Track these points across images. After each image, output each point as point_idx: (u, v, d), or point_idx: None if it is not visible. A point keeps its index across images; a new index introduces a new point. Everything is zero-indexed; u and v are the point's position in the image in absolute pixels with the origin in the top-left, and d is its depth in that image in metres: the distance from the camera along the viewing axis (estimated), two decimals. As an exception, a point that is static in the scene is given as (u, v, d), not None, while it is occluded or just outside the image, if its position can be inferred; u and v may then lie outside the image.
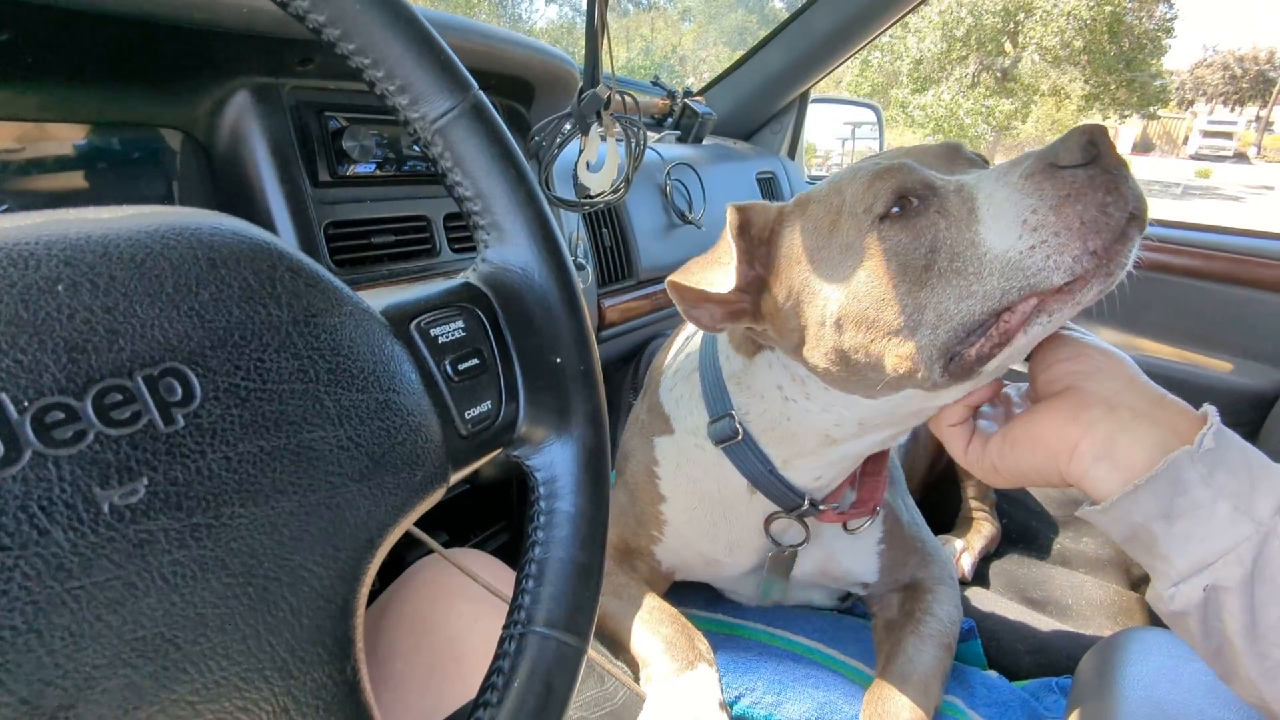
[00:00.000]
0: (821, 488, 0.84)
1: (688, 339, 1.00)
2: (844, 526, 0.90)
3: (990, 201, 0.60)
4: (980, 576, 1.29)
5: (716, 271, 0.70)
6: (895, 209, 0.65)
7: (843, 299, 0.67)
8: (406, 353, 0.40)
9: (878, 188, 0.66)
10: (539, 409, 0.46)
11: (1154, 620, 1.18)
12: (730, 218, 0.73)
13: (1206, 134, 35.02)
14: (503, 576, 0.75)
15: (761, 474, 0.83)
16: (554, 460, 0.46)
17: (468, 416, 0.42)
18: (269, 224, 0.78)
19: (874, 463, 0.88)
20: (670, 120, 1.95)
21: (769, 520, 0.87)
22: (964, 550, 1.28)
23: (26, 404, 0.26)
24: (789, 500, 0.84)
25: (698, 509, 0.92)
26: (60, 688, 0.25)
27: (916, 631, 0.89)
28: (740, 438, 0.82)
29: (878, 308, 0.64)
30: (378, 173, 0.91)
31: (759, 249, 0.76)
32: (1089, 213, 0.54)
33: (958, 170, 0.68)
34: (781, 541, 0.90)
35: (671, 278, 0.72)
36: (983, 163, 0.71)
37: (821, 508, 0.84)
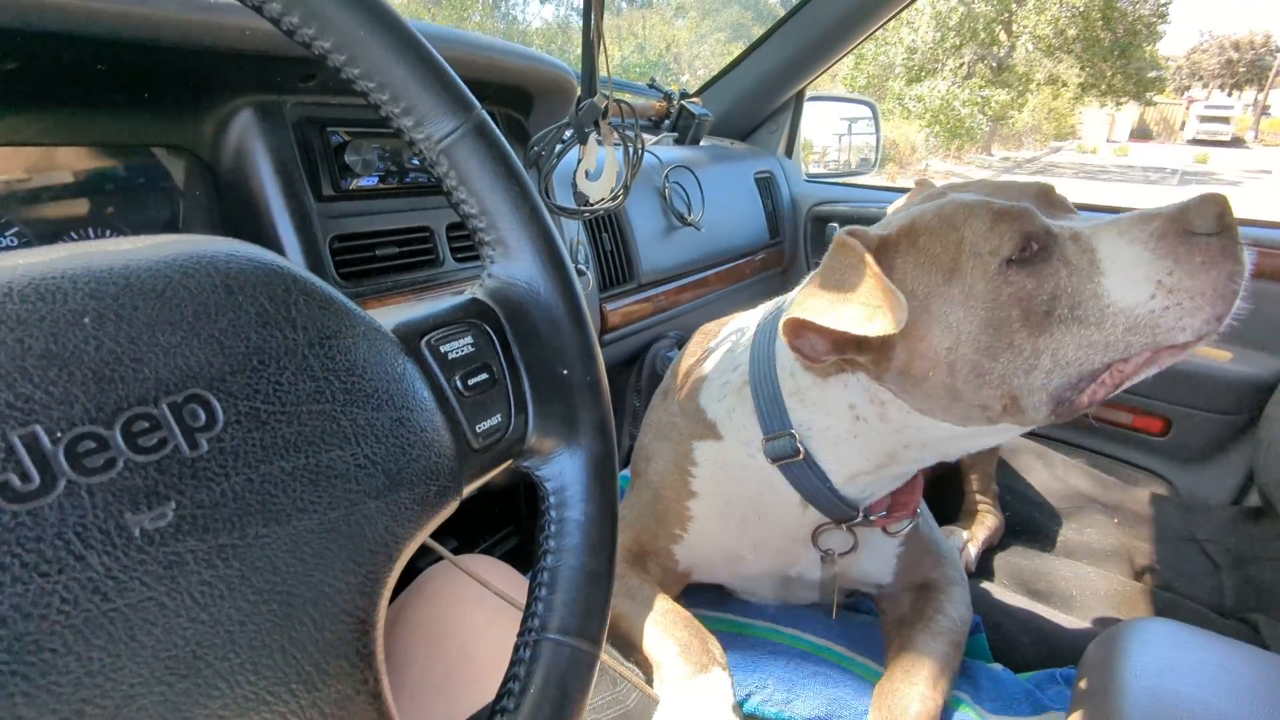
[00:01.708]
0: (870, 498, 0.86)
1: (729, 348, 0.98)
2: (884, 530, 0.92)
3: (1115, 255, 0.62)
4: (984, 569, 1.30)
5: (855, 310, 0.66)
6: (1020, 252, 0.65)
7: (962, 341, 0.67)
8: (418, 370, 0.41)
9: (1003, 230, 0.66)
10: (547, 420, 0.47)
11: (1158, 610, 1.19)
12: (854, 247, 0.69)
13: (1203, 119, 34.99)
14: (513, 581, 0.76)
15: (819, 491, 0.83)
16: (563, 470, 0.47)
17: (479, 430, 0.43)
18: (275, 240, 0.79)
19: None
20: (667, 122, 1.96)
21: (816, 531, 0.89)
22: (968, 542, 1.29)
23: (59, 434, 0.27)
24: (843, 513, 0.85)
25: (730, 505, 0.93)
26: (100, 706, 0.26)
27: (927, 629, 0.90)
28: (801, 456, 0.81)
29: (997, 352, 0.66)
30: (380, 185, 0.92)
31: None
32: (1221, 281, 0.58)
33: (1057, 213, 0.70)
34: (824, 548, 0.91)
35: (798, 316, 0.68)
36: (1073, 207, 0.74)
37: (872, 518, 0.85)
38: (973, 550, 1.28)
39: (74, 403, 0.27)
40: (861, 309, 0.66)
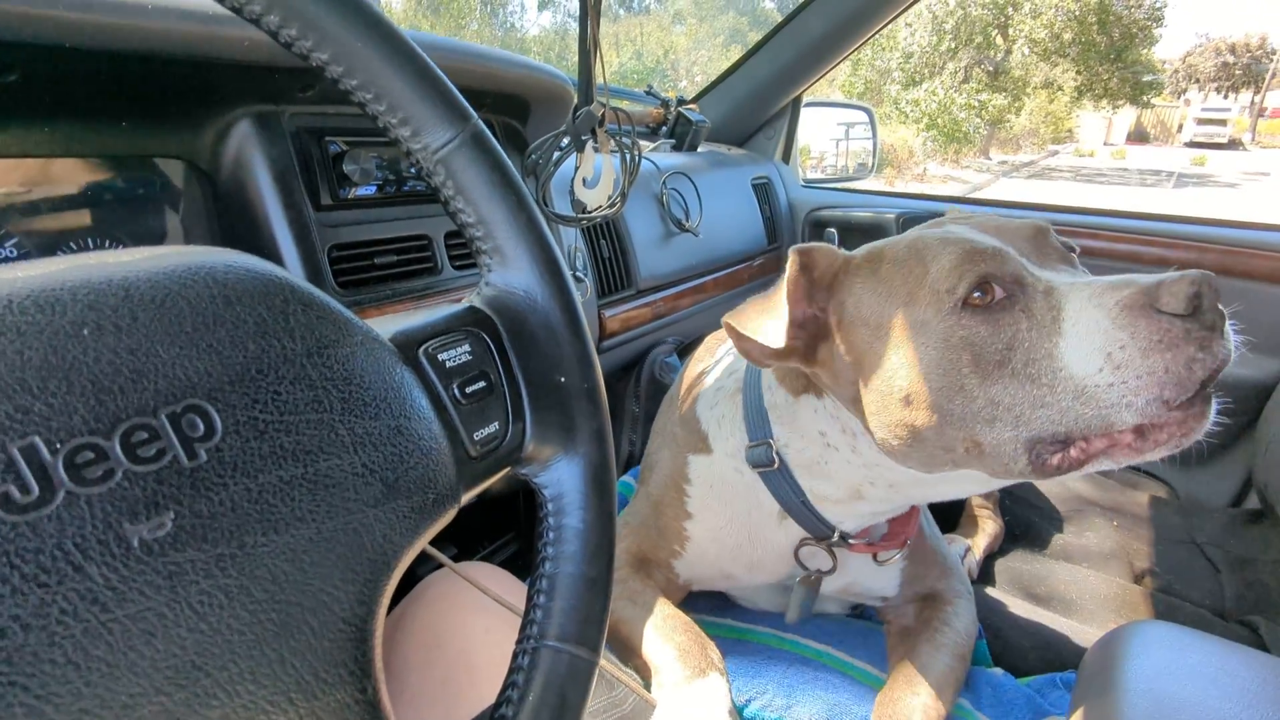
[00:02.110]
0: (845, 525, 0.85)
1: (729, 351, 1.00)
2: (874, 558, 0.91)
3: (1079, 319, 0.59)
4: (984, 573, 1.30)
5: (769, 322, 0.69)
6: (978, 294, 0.64)
7: (912, 377, 0.66)
8: (416, 378, 0.41)
9: (965, 270, 0.64)
10: (545, 428, 0.47)
11: (1158, 613, 1.19)
12: (791, 268, 0.71)
13: (1201, 121, 35.05)
14: (512, 588, 0.76)
15: (794, 504, 0.84)
16: (561, 477, 0.47)
17: (476, 438, 0.43)
18: (274, 249, 0.80)
19: None
20: (664, 129, 1.97)
21: (798, 547, 0.88)
22: (969, 550, 1.29)
23: (58, 445, 0.27)
24: (819, 530, 0.85)
25: (725, 529, 0.93)
26: (99, 716, 0.26)
27: (932, 640, 0.89)
28: (776, 466, 0.82)
29: (949, 394, 0.64)
30: (378, 194, 0.92)
31: (819, 292, 0.75)
32: (1174, 365, 0.54)
33: (1047, 258, 0.68)
34: (809, 566, 0.90)
35: (727, 318, 0.72)
36: (1068, 251, 0.70)
37: (851, 541, 0.85)
38: (975, 558, 1.28)
39: (73, 414, 0.28)
40: (761, 319, 0.70)
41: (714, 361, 1.02)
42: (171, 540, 0.29)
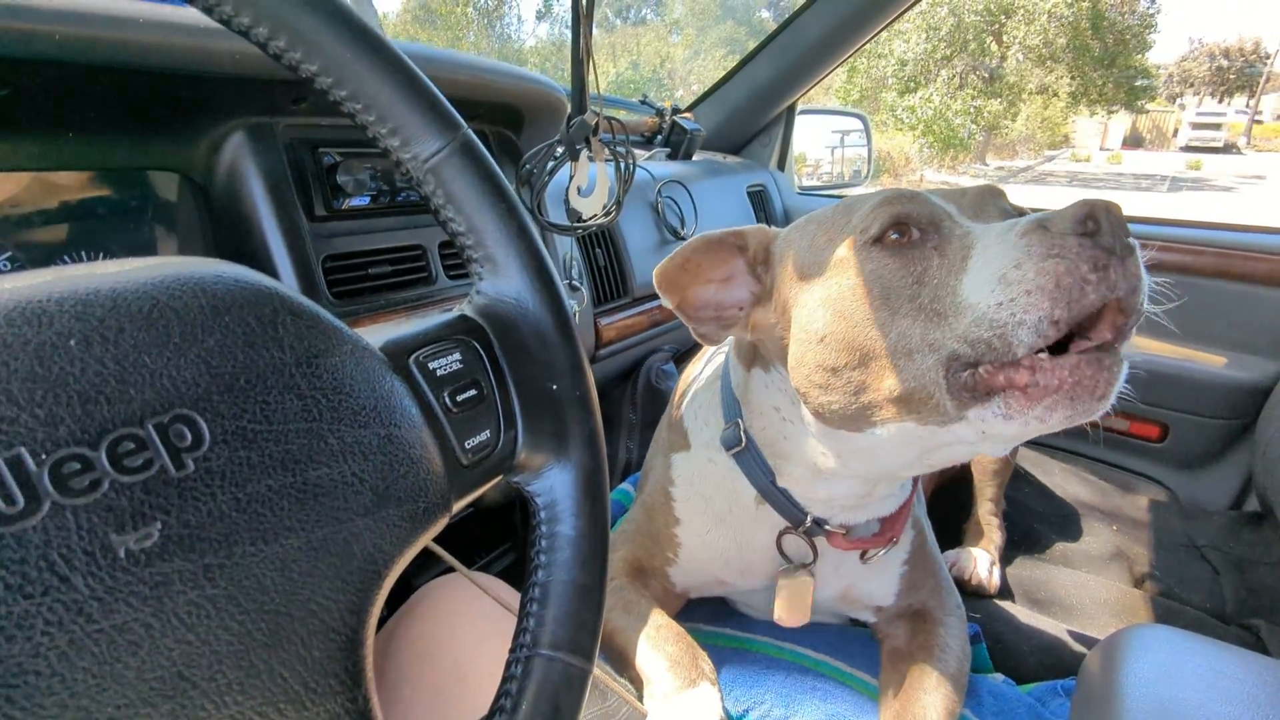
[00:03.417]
0: (831, 509, 0.84)
1: (717, 349, 1.01)
2: (861, 556, 0.89)
3: (983, 253, 0.59)
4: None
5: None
6: (895, 235, 0.65)
7: (827, 317, 0.67)
8: (406, 387, 0.41)
9: (880, 212, 0.66)
10: (537, 435, 0.47)
11: (1159, 617, 1.19)
12: (697, 245, 0.79)
13: (1195, 126, 35.16)
14: (508, 600, 0.76)
15: (766, 485, 0.84)
16: (553, 485, 0.47)
17: (468, 446, 0.43)
18: (268, 260, 0.80)
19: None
20: (660, 137, 1.98)
21: (781, 536, 0.88)
22: (993, 563, 1.26)
23: (44, 456, 0.27)
24: (793, 515, 0.84)
25: (711, 532, 0.93)
26: (84, 729, 0.26)
27: (931, 669, 0.87)
28: (744, 445, 0.84)
29: (861, 329, 0.65)
30: (372, 205, 0.92)
31: (758, 266, 0.79)
32: (1065, 280, 0.53)
33: (984, 213, 0.68)
34: (793, 559, 0.89)
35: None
36: (1016, 213, 0.70)
37: (827, 528, 0.84)
38: (998, 570, 1.26)
39: (59, 424, 0.27)
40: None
41: (704, 362, 1.03)
42: (159, 550, 0.29)
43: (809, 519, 0.83)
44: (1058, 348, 0.57)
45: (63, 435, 0.27)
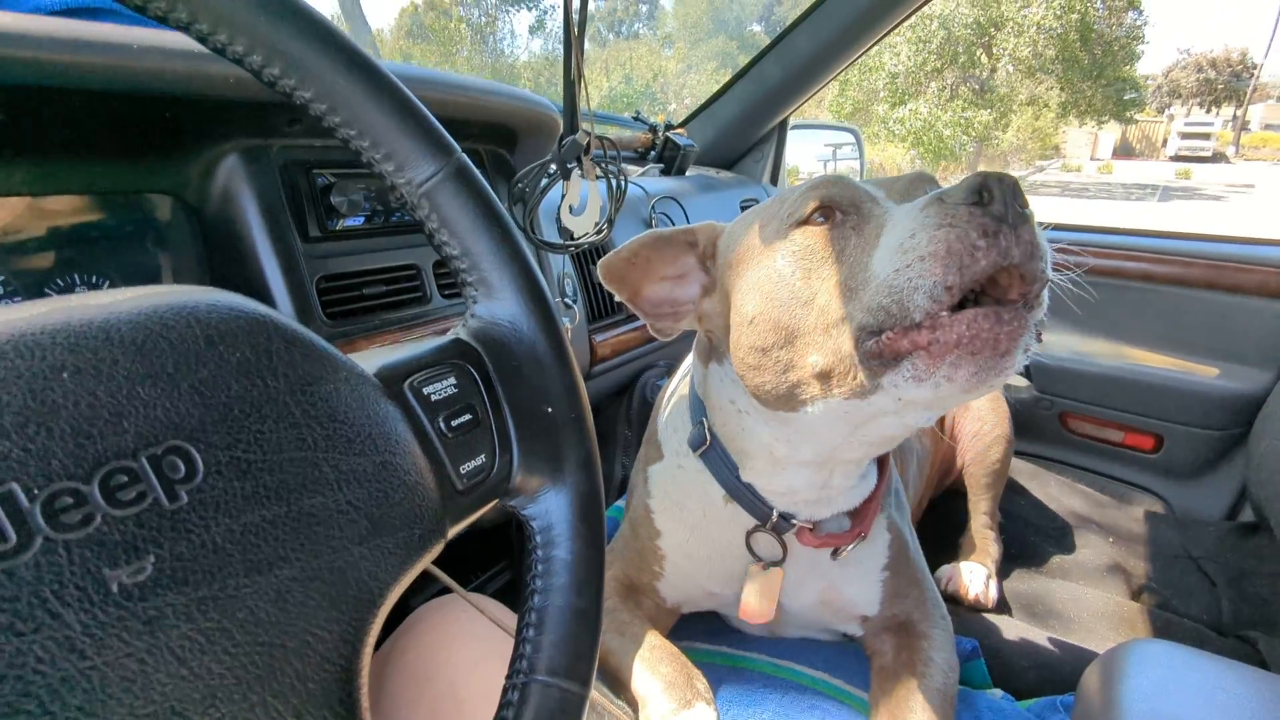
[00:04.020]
0: (795, 503, 0.85)
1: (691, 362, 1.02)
2: (833, 555, 0.89)
3: (892, 228, 0.62)
4: (982, 593, 1.29)
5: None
6: (819, 219, 0.68)
7: (756, 299, 0.71)
8: (401, 413, 0.41)
9: (805, 196, 0.70)
10: (533, 459, 0.47)
11: (1156, 630, 1.19)
12: (644, 238, 0.83)
13: (1184, 135, 35.38)
14: (505, 621, 0.75)
15: (731, 481, 0.85)
16: (549, 509, 0.47)
17: (463, 471, 0.43)
18: (262, 282, 0.80)
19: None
20: (653, 154, 1.99)
21: (750, 535, 0.88)
22: (989, 577, 1.26)
23: (36, 491, 0.27)
24: (758, 510, 0.85)
25: (690, 541, 0.93)
26: (77, 767, 0.26)
27: (916, 688, 0.86)
28: (709, 443, 0.85)
29: (785, 307, 0.68)
30: (367, 225, 0.93)
31: (708, 261, 0.83)
32: (956, 246, 0.55)
33: (913, 199, 0.70)
34: (764, 558, 0.89)
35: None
36: None
37: (794, 523, 0.84)
38: (995, 584, 1.26)
39: (51, 459, 0.27)
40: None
41: (679, 376, 1.03)
42: (151, 584, 0.29)
43: (775, 514, 0.84)
44: None
45: (55, 469, 0.27)
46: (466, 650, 0.70)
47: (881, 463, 0.89)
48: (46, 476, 0.27)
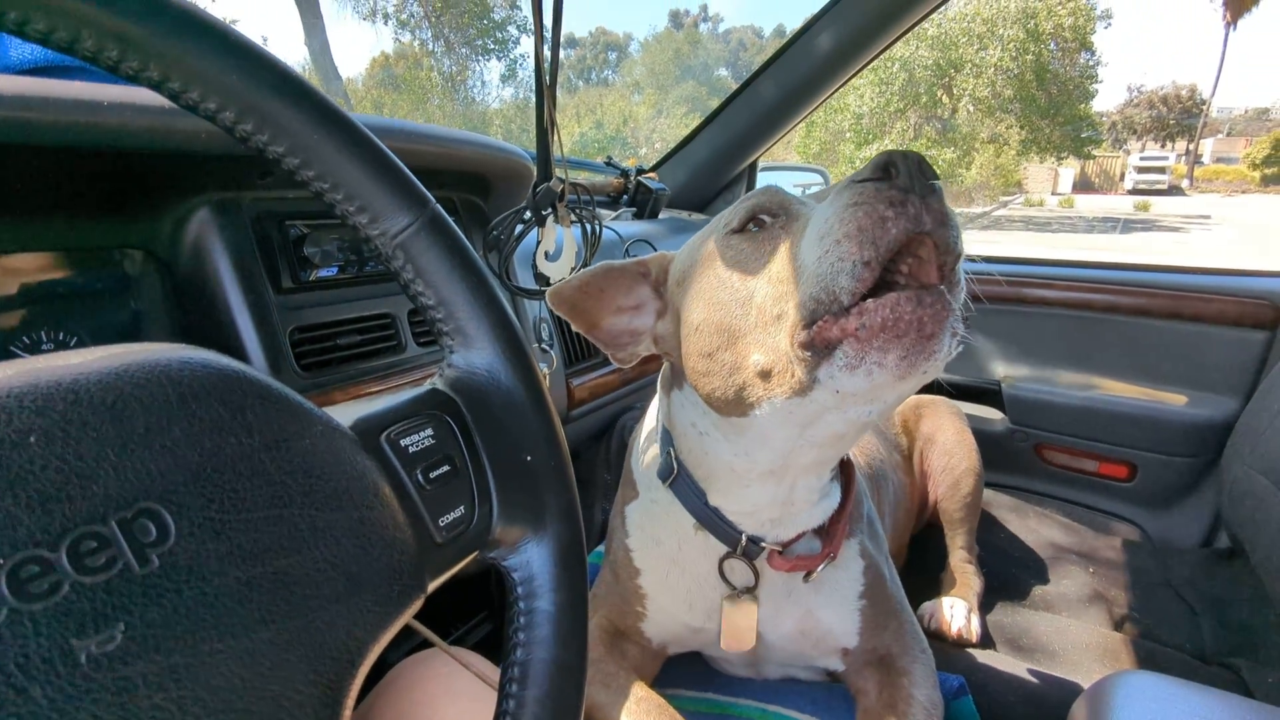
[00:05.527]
0: (761, 524, 0.84)
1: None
2: (805, 578, 0.88)
3: (814, 219, 0.63)
4: (967, 628, 1.28)
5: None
6: (752, 227, 0.71)
7: (699, 307, 0.73)
8: (378, 466, 0.40)
9: (740, 207, 0.73)
10: (513, 509, 0.46)
11: (1140, 660, 1.19)
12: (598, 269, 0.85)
13: (1140, 169, 36.37)
14: (488, 674, 0.74)
15: (699, 508, 0.85)
16: (530, 559, 0.46)
17: (441, 524, 0.42)
18: (234, 335, 0.79)
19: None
20: (625, 198, 2.01)
21: (722, 562, 0.87)
22: (970, 611, 1.25)
23: (1, 560, 0.26)
24: (726, 535, 0.84)
25: (670, 575, 0.92)
26: None
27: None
28: (676, 473, 0.86)
29: (726, 312, 0.69)
30: (340, 275, 0.92)
31: (660, 287, 0.85)
32: (866, 222, 0.56)
33: None
34: (735, 585, 0.88)
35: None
36: None
37: (763, 545, 0.84)
38: (976, 620, 1.25)
39: (17, 526, 0.27)
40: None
41: (648, 415, 1.03)
42: (121, 653, 0.28)
43: (744, 537, 0.83)
44: None
45: (21, 537, 0.27)
46: (449, 707, 0.69)
47: (847, 482, 0.89)
48: (12, 545, 0.26)
